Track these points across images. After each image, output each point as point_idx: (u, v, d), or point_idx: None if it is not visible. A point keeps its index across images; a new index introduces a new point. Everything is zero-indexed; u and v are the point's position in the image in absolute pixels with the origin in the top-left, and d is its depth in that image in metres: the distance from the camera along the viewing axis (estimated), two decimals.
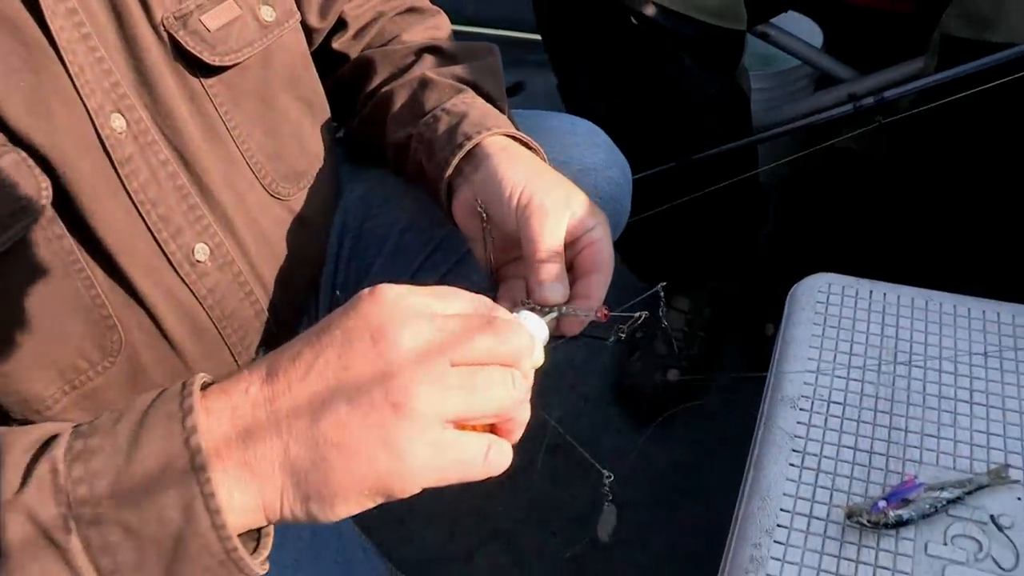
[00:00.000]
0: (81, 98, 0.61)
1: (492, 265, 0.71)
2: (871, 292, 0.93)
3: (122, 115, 0.63)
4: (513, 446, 0.50)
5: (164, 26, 0.66)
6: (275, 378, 0.45)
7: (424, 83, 0.79)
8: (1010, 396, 0.80)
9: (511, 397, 0.48)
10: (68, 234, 0.62)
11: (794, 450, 0.78)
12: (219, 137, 0.72)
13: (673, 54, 1.11)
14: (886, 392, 0.82)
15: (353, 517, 0.46)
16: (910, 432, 0.78)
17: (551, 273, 0.63)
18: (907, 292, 0.92)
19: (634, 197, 0.92)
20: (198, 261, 0.70)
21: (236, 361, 0.75)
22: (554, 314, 0.61)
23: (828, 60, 1.46)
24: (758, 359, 1.34)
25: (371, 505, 0.46)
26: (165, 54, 0.67)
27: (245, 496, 0.44)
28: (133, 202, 0.65)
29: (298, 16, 0.78)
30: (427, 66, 0.82)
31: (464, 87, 0.78)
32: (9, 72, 0.57)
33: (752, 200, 1.39)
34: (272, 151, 0.76)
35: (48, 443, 0.44)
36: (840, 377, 0.84)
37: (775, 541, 0.71)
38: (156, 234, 0.67)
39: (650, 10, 1.05)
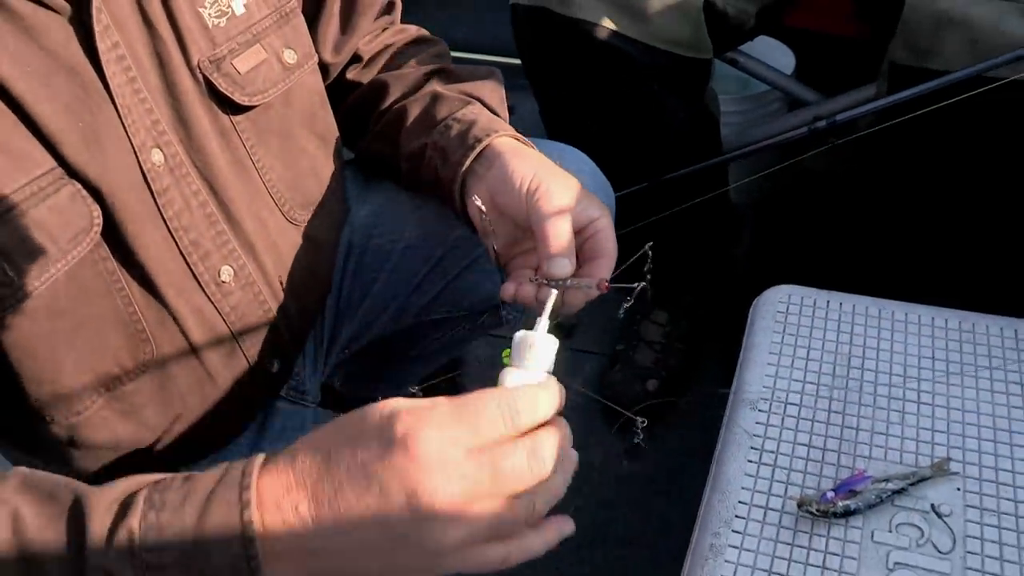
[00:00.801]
0: (128, 135, 0.67)
1: (500, 257, 0.78)
2: (828, 302, 0.98)
3: (160, 150, 0.69)
4: None
5: (200, 69, 0.72)
6: (321, 505, 0.48)
7: (435, 97, 0.85)
8: (953, 396, 0.85)
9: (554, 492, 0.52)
10: (111, 256, 0.68)
11: (752, 447, 0.83)
12: (245, 169, 0.78)
13: (644, 81, 1.18)
14: (839, 394, 0.88)
15: None
16: (861, 430, 0.84)
17: (559, 247, 0.68)
18: (861, 301, 0.98)
19: (614, 216, 0.99)
20: (223, 282, 0.76)
21: (251, 369, 0.81)
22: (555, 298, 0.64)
23: (793, 84, 1.53)
24: (733, 369, 1.40)
25: None
26: (200, 94, 0.73)
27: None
28: (168, 228, 0.71)
29: (316, 58, 0.85)
30: (436, 84, 0.88)
31: (472, 100, 0.85)
32: (69, 113, 0.63)
33: (723, 218, 1.46)
34: (291, 182, 0.83)
35: (125, 505, 0.50)
36: (797, 380, 0.90)
37: (733, 531, 0.76)
38: (187, 257, 0.73)
39: (620, 41, 1.12)
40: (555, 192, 0.72)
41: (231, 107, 0.76)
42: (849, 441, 0.83)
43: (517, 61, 1.29)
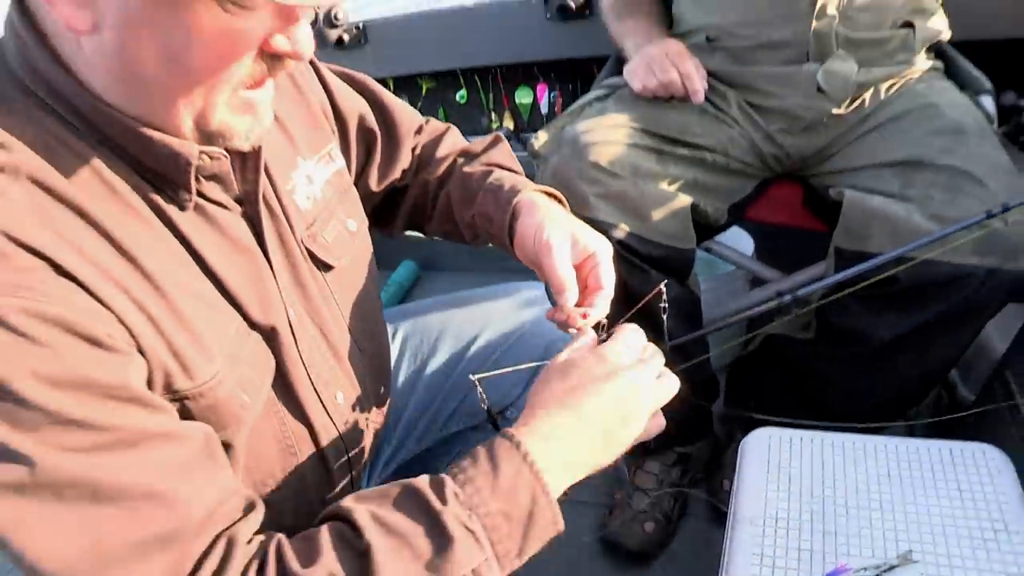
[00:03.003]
0: (284, 304, 0.83)
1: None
2: (802, 438, 1.19)
3: (293, 308, 0.85)
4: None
5: (303, 242, 0.89)
6: (580, 418, 0.77)
7: (467, 176, 1.06)
8: (908, 501, 1.04)
9: (671, 387, 0.83)
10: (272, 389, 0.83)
11: (753, 553, 1.03)
12: (336, 316, 0.94)
13: (640, 268, 1.36)
14: (818, 508, 1.07)
15: None
16: (839, 534, 1.02)
17: (558, 287, 0.87)
18: (828, 436, 1.18)
19: None
20: (338, 402, 0.92)
21: (351, 466, 0.97)
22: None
23: (758, 265, 1.74)
24: (718, 509, 1.59)
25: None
26: (305, 261, 0.89)
27: (564, 483, 0.76)
28: (304, 364, 0.86)
29: (367, 222, 1.02)
30: (463, 166, 1.08)
31: (492, 167, 1.07)
32: (248, 281, 0.79)
33: (705, 380, 1.61)
34: (359, 318, 0.98)
35: (438, 484, 0.71)
36: (783, 500, 1.09)
37: None
38: (315, 385, 0.88)
39: (622, 234, 1.32)
40: (554, 238, 0.88)
41: (324, 268, 0.92)
42: (831, 543, 1.02)
43: None
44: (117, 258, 0.67)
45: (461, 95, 2.52)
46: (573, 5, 2.13)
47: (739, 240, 1.99)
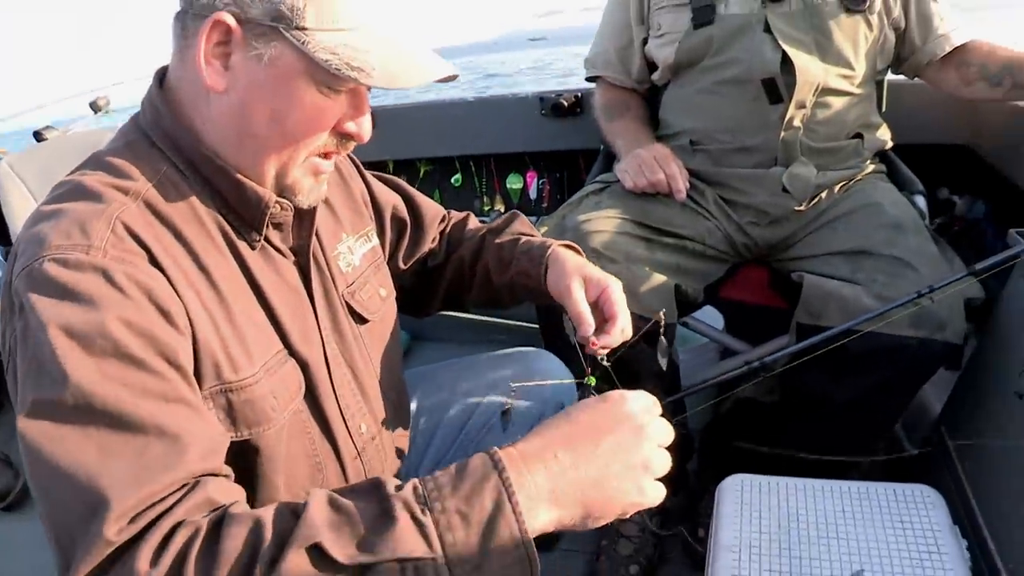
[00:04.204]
0: (321, 336, 0.99)
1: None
2: (769, 482, 1.38)
3: (329, 346, 1.01)
4: None
5: (343, 297, 1.06)
6: (575, 451, 0.75)
7: (499, 247, 1.24)
8: (860, 532, 1.25)
9: (668, 464, 0.81)
10: (306, 410, 0.96)
11: (732, 574, 1.22)
12: (366, 360, 1.09)
13: (635, 341, 1.55)
14: (785, 537, 1.26)
15: None
16: (803, 559, 1.21)
17: (579, 320, 1.03)
18: (792, 481, 1.38)
19: None
20: (362, 432, 1.05)
21: None
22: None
23: (728, 338, 1.95)
24: (695, 553, 1.76)
25: (620, 516, 0.76)
26: (344, 313, 1.06)
27: (549, 515, 0.72)
28: (335, 394, 1.00)
29: (395, 292, 1.19)
30: (491, 239, 1.27)
31: (519, 236, 1.25)
32: (294, 317, 0.95)
33: (683, 439, 1.76)
34: (384, 368, 1.13)
35: (401, 482, 0.72)
36: (755, 532, 1.28)
37: None
38: (344, 413, 1.02)
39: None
40: (572, 282, 1.07)
41: (359, 320, 1.09)
42: (796, 565, 1.21)
43: (534, 325, 1.67)
44: (195, 269, 0.85)
45: (456, 179, 2.72)
46: (566, 104, 2.38)
47: (710, 317, 2.18)
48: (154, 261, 0.81)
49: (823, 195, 1.68)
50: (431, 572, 0.66)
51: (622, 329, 1.05)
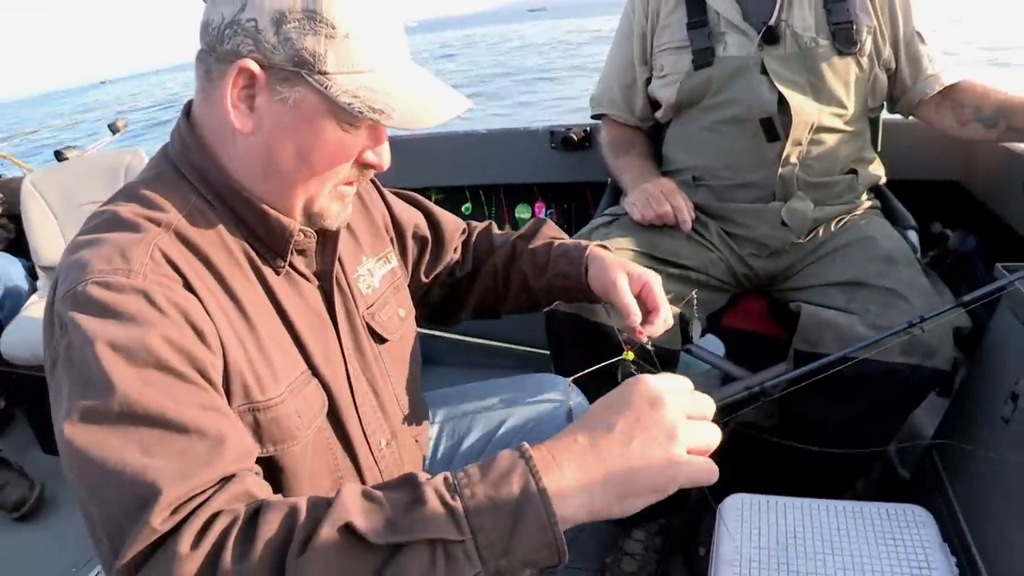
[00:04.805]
0: (344, 358, 1.03)
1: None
2: (768, 501, 1.45)
3: (351, 365, 1.04)
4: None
5: (363, 317, 1.09)
6: (594, 432, 0.76)
7: (533, 252, 1.31)
8: (854, 549, 1.31)
9: (712, 436, 0.80)
10: (328, 427, 0.99)
11: None
12: (385, 379, 1.13)
13: (637, 366, 1.59)
14: (783, 553, 1.33)
15: None
16: (800, 573, 1.29)
17: (626, 311, 1.11)
18: (790, 500, 1.45)
19: None
20: (382, 447, 1.09)
21: None
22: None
23: (729, 365, 1.98)
24: (697, 570, 1.81)
25: (653, 501, 0.74)
26: (365, 333, 1.09)
27: (578, 500, 0.72)
28: (357, 412, 1.04)
29: (414, 312, 1.23)
30: (522, 245, 1.33)
31: (552, 240, 1.32)
32: (318, 339, 0.99)
33: None
34: (403, 387, 1.17)
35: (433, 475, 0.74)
36: (755, 548, 1.35)
37: None
38: (364, 429, 1.05)
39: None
40: (618, 278, 1.14)
41: (379, 340, 1.12)
42: None
43: (544, 351, 1.72)
44: (225, 295, 0.90)
45: (466, 207, 2.80)
46: (575, 138, 2.46)
47: (712, 344, 2.21)
48: (188, 286, 0.86)
49: (820, 229, 1.76)
50: (460, 554, 0.68)
51: (664, 320, 1.14)
